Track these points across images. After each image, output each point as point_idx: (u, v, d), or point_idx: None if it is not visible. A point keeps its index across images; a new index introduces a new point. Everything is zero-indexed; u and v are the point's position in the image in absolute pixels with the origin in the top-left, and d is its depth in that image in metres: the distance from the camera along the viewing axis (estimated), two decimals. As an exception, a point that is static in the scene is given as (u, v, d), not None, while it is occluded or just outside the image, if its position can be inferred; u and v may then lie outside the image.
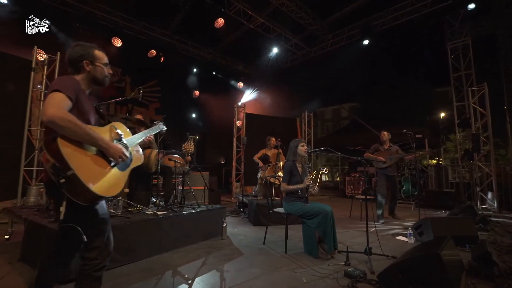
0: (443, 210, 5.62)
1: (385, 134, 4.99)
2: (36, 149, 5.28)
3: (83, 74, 1.51)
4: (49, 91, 1.32)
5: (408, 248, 3.03)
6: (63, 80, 1.38)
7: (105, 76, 1.59)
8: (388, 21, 7.89)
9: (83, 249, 1.43)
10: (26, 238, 2.66)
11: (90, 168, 1.34)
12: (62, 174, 1.24)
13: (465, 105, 6.90)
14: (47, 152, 1.29)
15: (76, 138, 1.30)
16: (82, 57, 1.49)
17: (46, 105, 1.25)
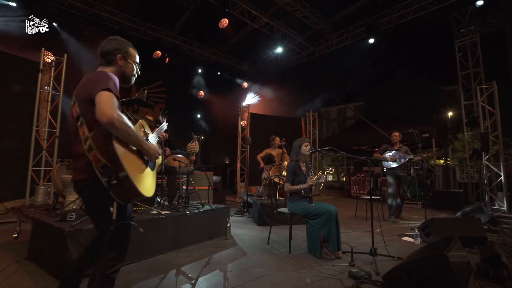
0: (450, 211, 5.52)
1: (396, 135, 4.97)
2: (44, 150, 5.37)
3: (114, 67, 1.51)
4: (97, 88, 1.28)
5: (414, 249, 2.99)
6: (110, 79, 1.34)
7: (133, 75, 1.60)
8: (394, 19, 7.80)
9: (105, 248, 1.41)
10: (33, 237, 2.70)
11: (136, 169, 1.35)
12: (114, 175, 1.23)
13: (474, 104, 6.77)
14: (99, 152, 1.25)
15: (126, 139, 1.31)
16: (116, 51, 1.50)
17: (104, 105, 1.24)
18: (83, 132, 1.31)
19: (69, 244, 2.19)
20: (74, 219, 2.51)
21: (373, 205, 2.85)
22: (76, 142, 1.41)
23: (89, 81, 1.38)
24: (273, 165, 5.27)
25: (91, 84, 1.33)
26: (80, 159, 1.37)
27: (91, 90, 1.29)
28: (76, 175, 1.41)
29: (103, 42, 1.53)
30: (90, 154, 1.27)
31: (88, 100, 1.31)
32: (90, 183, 1.33)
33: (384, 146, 5.10)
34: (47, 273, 2.31)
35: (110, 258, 1.40)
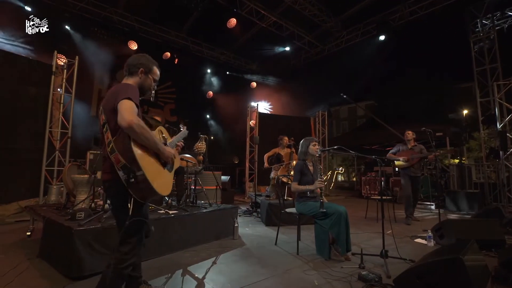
0: (466, 212, 5.33)
1: (409, 133, 4.84)
2: (57, 150, 5.50)
3: (135, 79, 1.68)
4: (119, 97, 1.43)
5: (427, 251, 2.88)
6: (130, 89, 1.51)
7: (150, 89, 1.76)
8: (405, 15, 7.60)
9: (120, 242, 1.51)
10: (44, 235, 2.75)
11: (152, 169, 1.48)
12: (132, 174, 1.37)
13: (490, 101, 6.51)
14: (120, 153, 1.40)
15: (144, 142, 1.45)
16: (140, 65, 1.68)
17: (124, 112, 1.38)
18: (107, 137, 1.50)
19: (77, 243, 2.22)
20: (83, 218, 2.55)
21: (384, 206, 2.76)
22: (103, 146, 1.58)
23: (113, 93, 1.55)
24: (281, 164, 5.22)
25: (115, 96, 1.49)
26: (106, 162, 1.56)
27: (115, 100, 1.46)
28: (103, 176, 1.59)
29: (132, 56, 1.73)
30: (112, 156, 1.42)
31: (112, 109, 1.49)
32: (114, 183, 1.49)
33: (397, 145, 4.96)
34: (57, 271, 2.34)
35: (122, 253, 1.50)
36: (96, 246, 2.32)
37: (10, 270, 2.34)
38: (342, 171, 13.00)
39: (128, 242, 1.51)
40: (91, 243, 2.30)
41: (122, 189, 1.42)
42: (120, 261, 1.48)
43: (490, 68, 6.71)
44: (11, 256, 2.76)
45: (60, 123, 5.57)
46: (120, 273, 1.49)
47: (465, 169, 6.32)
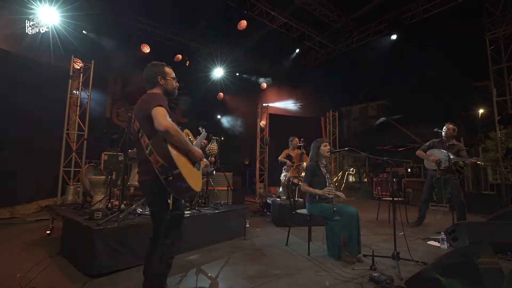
0: (481, 214, 5.19)
1: (451, 128, 4.13)
2: (74, 151, 5.70)
3: (159, 87, 1.85)
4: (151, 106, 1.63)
5: (440, 253, 2.86)
6: (160, 98, 1.72)
7: (174, 88, 1.92)
8: (418, 13, 7.46)
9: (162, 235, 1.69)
10: (64, 234, 2.88)
11: (186, 168, 1.64)
12: (170, 173, 1.53)
13: (507, 100, 6.31)
14: (158, 155, 1.57)
15: (177, 144, 1.62)
16: (156, 74, 1.84)
17: (160, 118, 1.57)
18: (144, 140, 1.67)
19: (96, 241, 2.32)
20: (100, 217, 2.65)
21: (396, 207, 2.75)
22: (138, 150, 1.78)
23: (143, 102, 1.75)
24: (291, 165, 5.24)
25: (146, 105, 1.68)
26: (142, 165, 1.75)
27: (146, 109, 1.64)
28: (141, 177, 1.76)
29: (144, 70, 1.90)
30: (151, 157, 1.59)
31: (144, 116, 1.67)
32: (152, 183, 1.66)
33: (431, 140, 4.37)
34: (76, 269, 2.45)
35: (167, 245, 1.70)
36: (113, 244, 2.42)
37: (34, 267, 2.47)
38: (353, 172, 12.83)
39: (170, 235, 1.71)
40: (109, 241, 2.39)
41: (160, 187, 1.59)
42: (165, 252, 1.69)
43: (507, 67, 6.49)
44: (33, 253, 2.90)
45: (77, 125, 5.77)
46: (167, 262, 1.71)
47: (480, 170, 6.15)
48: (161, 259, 1.68)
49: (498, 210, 4.67)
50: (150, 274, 1.72)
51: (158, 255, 1.69)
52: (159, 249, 1.71)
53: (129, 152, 3.45)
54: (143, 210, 3.10)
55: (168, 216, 1.65)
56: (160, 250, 1.69)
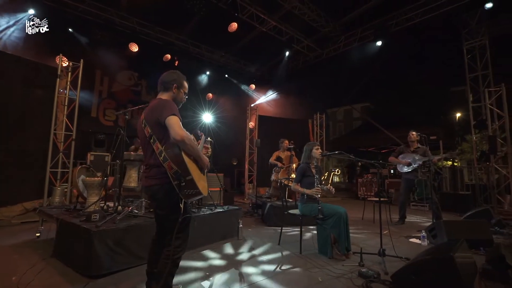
0: (458, 213, 5.55)
1: (413, 134, 4.64)
2: (61, 152, 5.58)
3: (170, 94, 1.91)
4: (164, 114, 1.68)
5: (421, 250, 3.07)
6: (173, 106, 1.76)
7: (182, 101, 2.00)
8: (402, 21, 7.83)
9: (171, 238, 1.73)
10: (58, 236, 2.87)
11: (196, 173, 1.73)
12: (183, 178, 1.63)
13: (482, 106, 6.77)
14: (172, 161, 1.65)
15: (190, 152, 1.71)
16: (174, 81, 1.92)
17: (176, 127, 1.64)
18: (157, 147, 1.73)
19: (96, 243, 2.35)
20: (98, 219, 2.68)
21: (381, 207, 2.94)
22: (147, 155, 1.83)
23: (155, 108, 1.78)
24: (282, 167, 5.38)
25: (158, 112, 1.72)
26: (152, 169, 1.78)
27: (159, 115, 1.70)
28: (150, 181, 1.78)
29: (165, 73, 1.96)
30: (165, 163, 1.66)
31: (156, 123, 1.73)
32: (162, 187, 1.72)
33: (400, 147, 4.83)
34: (73, 270, 2.47)
35: (176, 246, 1.75)
36: (112, 246, 2.46)
37: (28, 270, 2.46)
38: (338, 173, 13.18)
39: (179, 237, 1.77)
40: (108, 243, 2.43)
41: (171, 191, 1.67)
42: (174, 253, 1.75)
43: (482, 75, 6.97)
44: (25, 256, 2.88)
45: (64, 125, 5.65)
46: (175, 262, 1.78)
47: (457, 172, 6.58)
48: (170, 260, 1.74)
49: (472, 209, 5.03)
50: (157, 275, 1.77)
51: (167, 256, 1.75)
52: (167, 250, 1.77)
53: (124, 154, 3.47)
54: (139, 212, 3.14)
55: (180, 219, 1.70)
56: (169, 251, 1.75)
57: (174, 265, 1.78)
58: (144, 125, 1.81)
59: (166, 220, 1.83)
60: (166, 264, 1.73)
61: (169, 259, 1.73)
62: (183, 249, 1.83)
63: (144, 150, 1.88)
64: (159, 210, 1.86)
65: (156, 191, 1.78)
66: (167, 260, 1.74)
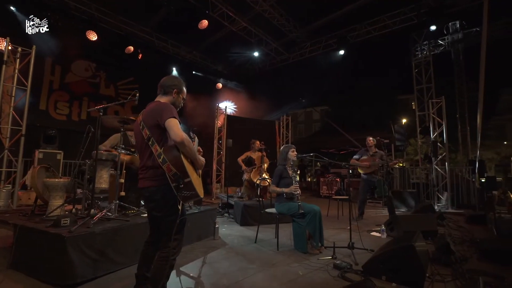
0: (406, 209, 6.29)
1: (370, 140, 5.13)
2: (6, 149, 4.94)
3: (169, 97, 1.93)
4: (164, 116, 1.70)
5: (382, 242, 3.46)
6: (172, 109, 1.77)
7: (179, 107, 2.01)
8: (362, 34, 8.54)
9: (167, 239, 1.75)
10: (18, 244, 2.57)
11: (193, 175, 1.74)
12: (181, 181, 1.64)
13: (426, 115, 7.75)
14: (171, 163, 1.66)
15: (188, 154, 1.74)
16: (174, 86, 1.95)
17: (176, 130, 1.66)
18: (155, 149, 1.72)
19: (69, 249, 2.19)
20: (69, 224, 2.48)
21: (344, 205, 3.23)
22: (144, 157, 1.81)
23: (154, 110, 1.79)
24: (253, 167, 5.51)
25: (157, 113, 1.74)
26: (149, 171, 1.77)
27: (159, 118, 1.72)
28: (146, 183, 1.78)
29: (165, 77, 2.01)
30: (164, 166, 1.66)
31: (155, 125, 1.75)
32: (160, 188, 1.73)
33: (360, 151, 5.32)
34: (41, 281, 2.26)
35: (171, 247, 1.76)
36: (87, 252, 2.31)
37: (-18, 283, 2.19)
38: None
39: (175, 238, 1.77)
40: (83, 249, 2.29)
41: (168, 192, 1.68)
42: (170, 254, 1.75)
43: (426, 87, 7.99)
44: (-28, 269, 2.53)
45: (11, 118, 5.01)
46: (171, 264, 1.79)
47: (406, 172, 7.45)
48: (166, 261, 1.73)
49: (418, 205, 5.76)
50: (152, 277, 1.75)
51: (163, 257, 1.74)
52: (163, 252, 1.75)
53: (93, 153, 3.24)
54: (112, 214, 2.97)
55: (177, 221, 1.70)
56: (165, 253, 1.75)
57: (170, 266, 1.79)
58: (142, 127, 1.80)
59: (162, 221, 1.81)
60: (162, 265, 1.73)
61: (166, 261, 1.73)
62: (178, 250, 1.85)
63: (141, 152, 1.86)
64: (155, 212, 1.83)
65: (153, 192, 1.77)
66: (164, 261, 1.73)
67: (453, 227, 4.58)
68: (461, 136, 9.62)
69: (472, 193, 6.45)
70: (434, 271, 2.55)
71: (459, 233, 4.09)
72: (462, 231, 4.23)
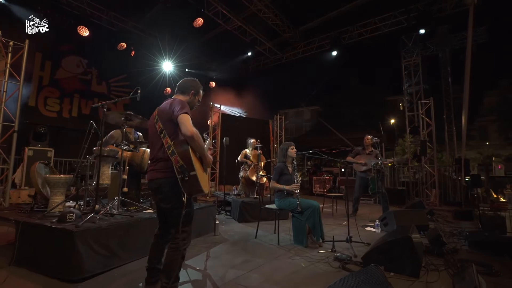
0: (397, 205, 6.52)
1: (368, 138, 5.21)
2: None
3: (185, 97, 2.04)
4: (177, 111, 1.79)
5: (377, 236, 3.61)
6: (185, 105, 1.87)
7: (194, 107, 2.10)
8: (354, 36, 8.75)
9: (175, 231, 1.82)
10: (21, 241, 2.54)
11: (200, 171, 1.80)
12: (187, 173, 1.70)
13: (415, 115, 8.04)
14: (179, 156, 1.73)
15: (197, 149, 1.82)
16: (192, 88, 2.08)
17: (187, 124, 1.75)
18: (166, 141, 1.81)
19: (78, 244, 2.20)
20: (74, 219, 2.49)
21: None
22: (155, 149, 1.88)
23: (169, 105, 1.88)
24: (251, 165, 5.57)
25: (172, 108, 1.84)
26: (159, 163, 1.84)
27: (172, 112, 1.82)
28: (156, 174, 1.84)
29: (186, 79, 2.16)
30: (173, 157, 1.74)
31: (168, 119, 1.84)
32: (167, 180, 1.79)
33: (356, 149, 5.42)
34: (46, 276, 2.25)
35: (182, 238, 1.83)
36: (95, 247, 2.33)
37: (-13, 280, 2.18)
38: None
39: (184, 230, 1.84)
40: (91, 244, 2.30)
41: (175, 184, 1.73)
42: (181, 245, 1.82)
43: (415, 89, 8.28)
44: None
45: (3, 114, 4.88)
46: (182, 254, 1.85)
47: (396, 171, 7.71)
48: (177, 252, 1.80)
49: (408, 201, 6.00)
50: (165, 268, 1.80)
51: (175, 248, 1.80)
52: (173, 244, 1.80)
53: (94, 150, 3.24)
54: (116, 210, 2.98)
55: (183, 212, 1.76)
56: (175, 244, 1.80)
57: (181, 257, 1.84)
58: (156, 120, 1.89)
59: (170, 213, 1.86)
60: (174, 256, 1.79)
61: (177, 251, 1.79)
62: (188, 242, 1.90)
63: (152, 144, 1.93)
64: (163, 204, 1.88)
65: (161, 184, 1.84)
66: (175, 252, 1.79)
67: (442, 222, 4.81)
68: (447, 136, 10.01)
69: (458, 191, 6.76)
70: (428, 261, 2.70)
71: (448, 227, 4.30)
72: (451, 226, 4.46)
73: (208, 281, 2.27)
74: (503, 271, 2.51)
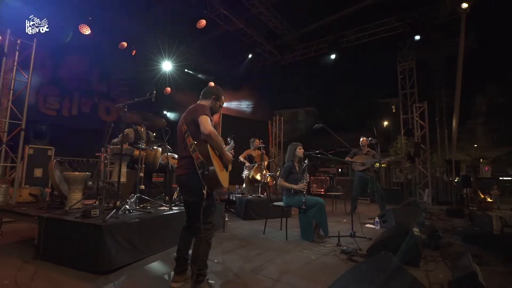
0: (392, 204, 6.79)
1: (364, 140, 5.48)
2: (4, 143, 4.86)
3: (208, 102, 2.24)
4: (199, 113, 2.01)
5: (377, 233, 3.85)
6: (206, 108, 2.08)
7: (216, 111, 2.32)
8: (352, 39, 9.03)
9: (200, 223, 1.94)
10: (45, 236, 2.64)
11: (218, 167, 1.98)
12: (206, 168, 1.87)
13: (409, 118, 8.37)
14: (200, 153, 1.91)
15: (215, 146, 2.00)
16: (213, 94, 2.27)
17: (206, 124, 1.95)
18: (189, 140, 2.00)
19: (106, 237, 2.34)
20: (98, 215, 2.62)
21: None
22: (181, 148, 2.11)
23: (193, 109, 2.11)
24: (253, 165, 5.75)
25: (195, 112, 2.05)
26: (183, 160, 2.05)
27: (195, 115, 2.03)
28: (182, 171, 2.06)
29: (208, 86, 2.41)
30: (194, 154, 1.93)
31: (192, 121, 2.05)
32: (191, 176, 1.96)
33: (353, 150, 5.63)
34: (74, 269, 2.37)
35: (206, 229, 1.99)
36: (121, 240, 2.47)
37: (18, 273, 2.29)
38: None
39: (208, 221, 2.01)
40: (116, 237, 2.44)
41: (196, 180, 1.89)
42: (206, 234, 2.00)
43: (410, 92, 8.62)
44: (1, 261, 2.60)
45: (9, 112, 4.92)
46: (208, 243, 2.03)
47: (391, 171, 8.01)
48: (203, 241, 1.96)
49: (402, 201, 6.27)
50: (194, 257, 1.96)
51: (200, 238, 1.97)
52: (201, 234, 1.95)
53: (112, 148, 3.36)
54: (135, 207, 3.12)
55: (204, 204, 1.92)
56: (200, 235, 1.96)
57: (207, 244, 2.02)
58: (182, 123, 2.12)
59: (196, 206, 2.00)
60: (200, 245, 1.96)
61: (203, 241, 1.97)
62: (213, 232, 2.09)
63: (179, 144, 2.15)
64: (188, 197, 2.08)
65: (185, 179, 2.04)
66: (201, 242, 1.97)
67: (436, 219, 5.10)
68: (439, 139, 10.42)
69: (449, 191, 7.10)
70: (426, 253, 2.94)
71: (442, 224, 4.58)
72: (444, 222, 4.74)
73: (229, 272, 2.44)
74: (493, 261, 2.77)
